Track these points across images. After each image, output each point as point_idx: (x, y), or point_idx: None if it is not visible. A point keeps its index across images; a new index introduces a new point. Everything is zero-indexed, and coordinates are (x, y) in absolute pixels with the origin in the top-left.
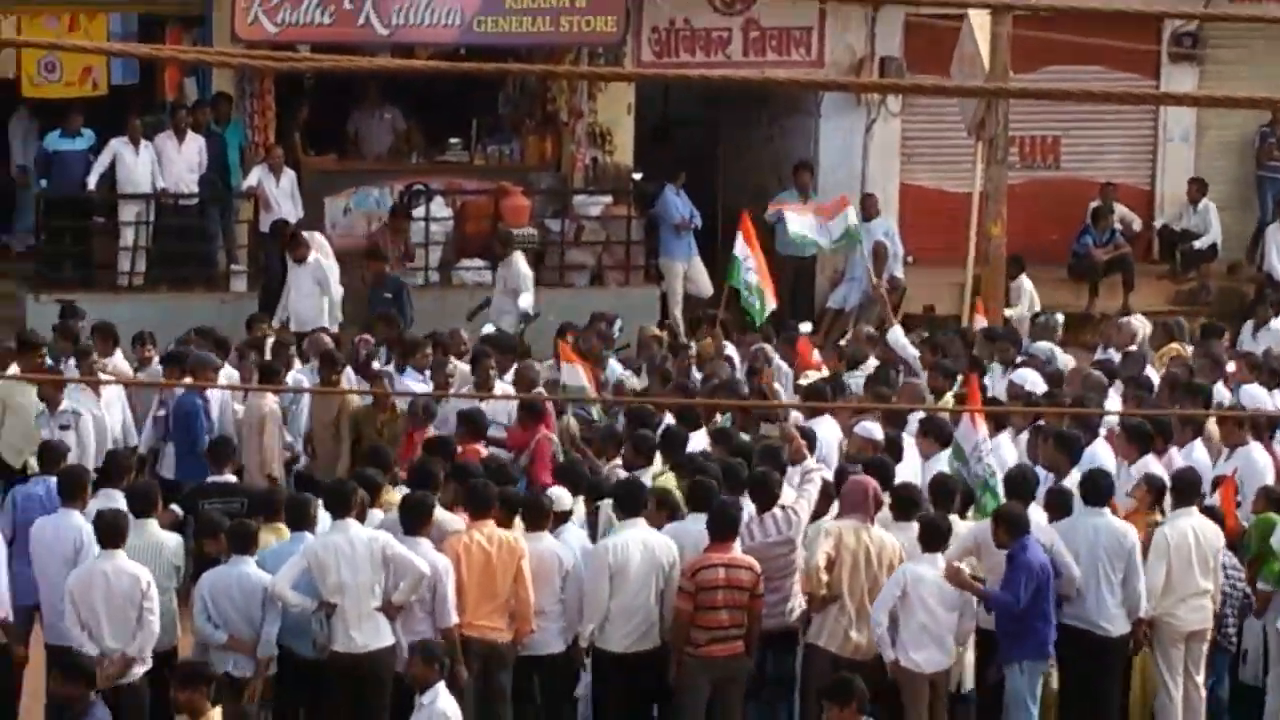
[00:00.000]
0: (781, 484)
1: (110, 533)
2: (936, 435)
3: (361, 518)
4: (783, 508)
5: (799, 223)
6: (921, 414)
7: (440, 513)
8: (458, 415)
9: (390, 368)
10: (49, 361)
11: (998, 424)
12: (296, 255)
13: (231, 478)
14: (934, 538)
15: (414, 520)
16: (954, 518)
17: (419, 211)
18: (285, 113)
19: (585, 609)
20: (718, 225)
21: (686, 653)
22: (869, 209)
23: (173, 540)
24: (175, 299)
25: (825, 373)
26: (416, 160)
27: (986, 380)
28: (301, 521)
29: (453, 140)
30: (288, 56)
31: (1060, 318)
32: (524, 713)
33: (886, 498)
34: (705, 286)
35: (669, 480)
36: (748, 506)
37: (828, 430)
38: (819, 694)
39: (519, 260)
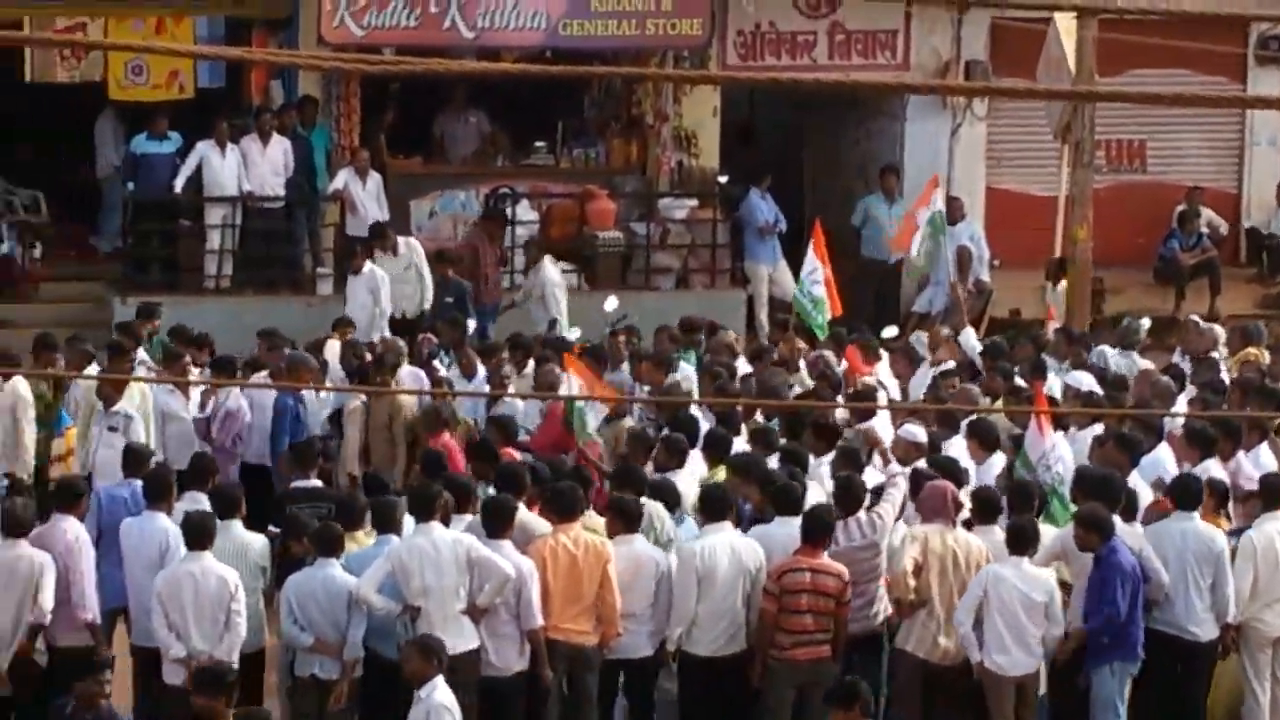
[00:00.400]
0: (865, 488)
1: (198, 534)
2: (983, 440)
3: (446, 521)
4: (867, 511)
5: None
6: (972, 418)
7: (526, 516)
8: (488, 420)
9: (453, 372)
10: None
11: (1055, 426)
12: (353, 266)
13: (317, 482)
14: (1021, 541)
15: (497, 523)
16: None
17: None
18: (371, 116)
19: (673, 613)
20: (803, 229)
21: (771, 656)
22: (954, 212)
23: (258, 542)
24: (261, 302)
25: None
26: (502, 163)
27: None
28: (386, 525)
29: (538, 143)
30: (374, 59)
31: (1146, 322)
32: (610, 716)
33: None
34: (790, 290)
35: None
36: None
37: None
38: (825, 698)
39: (548, 266)
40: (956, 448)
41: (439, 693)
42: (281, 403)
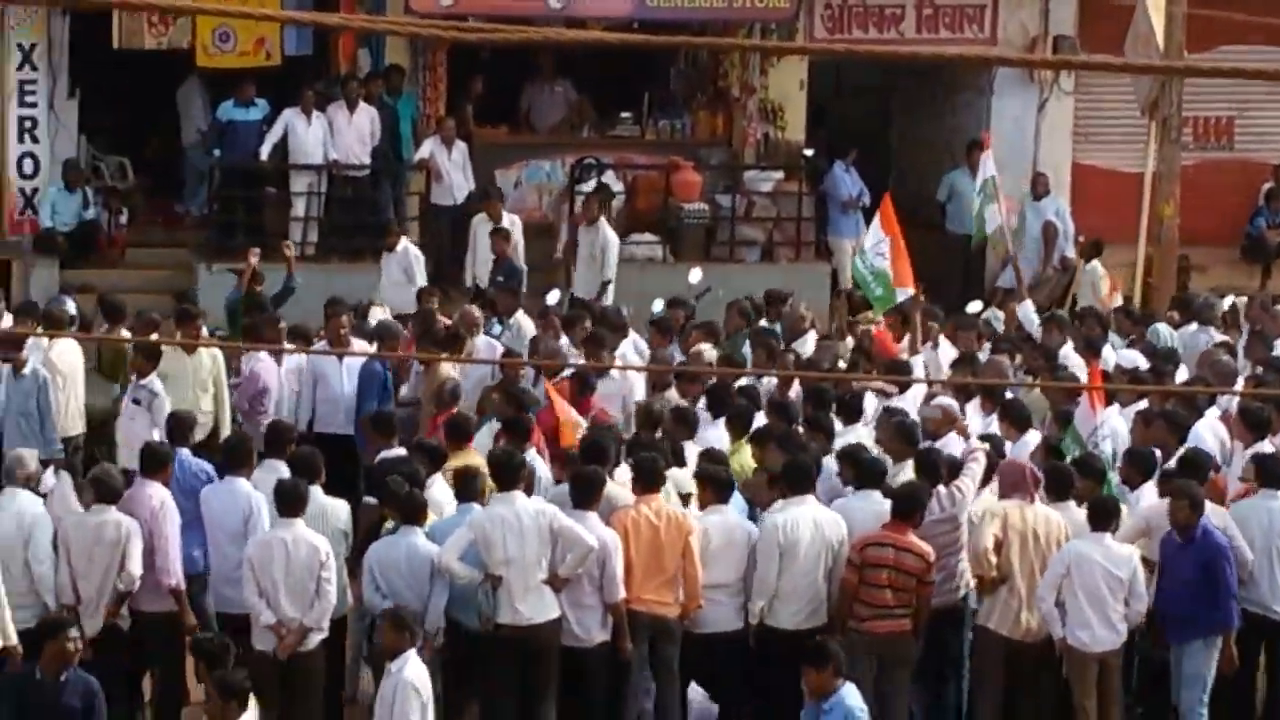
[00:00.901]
0: (944, 462)
1: (290, 501)
2: (1014, 419)
3: (529, 490)
4: (948, 485)
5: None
6: (1005, 398)
7: (610, 487)
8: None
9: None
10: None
11: (1108, 402)
12: (387, 243)
13: (401, 450)
14: (1103, 516)
15: (585, 495)
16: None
17: (590, 185)
18: (457, 85)
19: (755, 586)
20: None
21: (850, 627)
22: (1039, 188)
23: (341, 508)
24: (346, 270)
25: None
26: (588, 134)
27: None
28: (468, 494)
29: (624, 114)
30: (462, 26)
31: (1230, 300)
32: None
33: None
34: None
35: (745, 456)
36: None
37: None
38: (801, 658)
39: (606, 226)
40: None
41: (409, 668)
42: (368, 370)
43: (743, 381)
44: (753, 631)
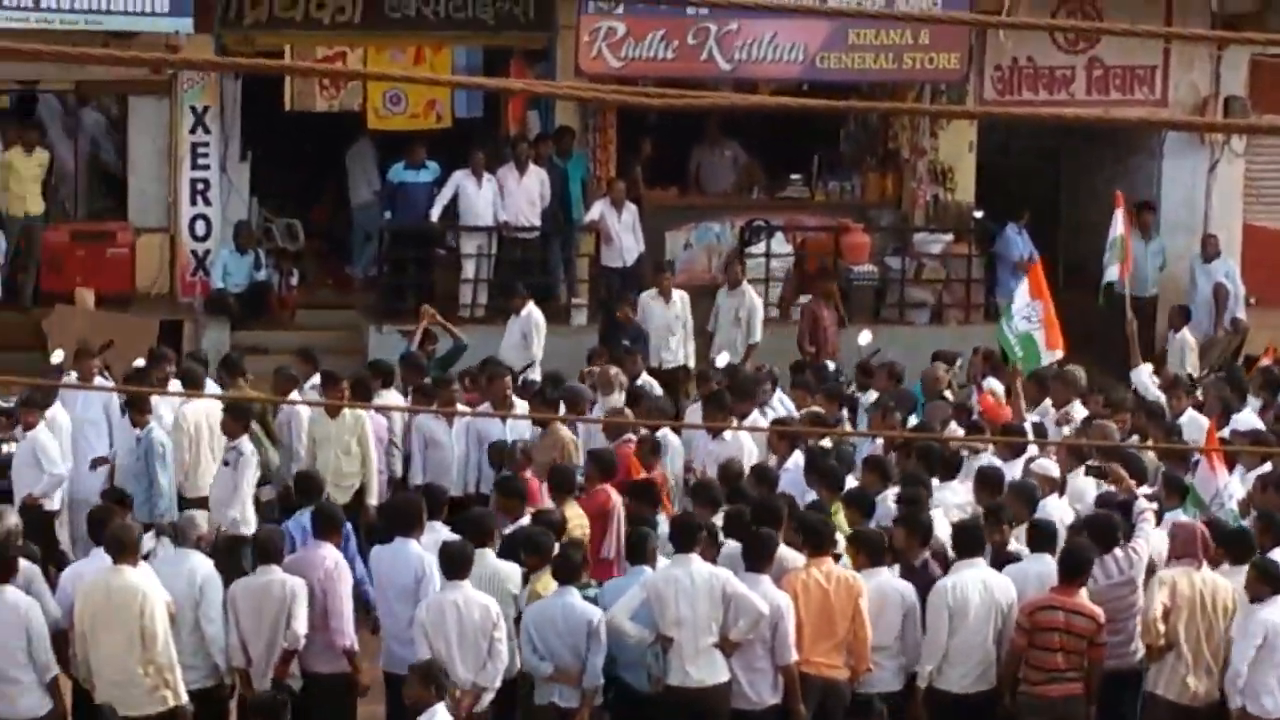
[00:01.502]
0: (1120, 525)
1: (458, 563)
2: (1136, 474)
3: (707, 555)
4: (1123, 548)
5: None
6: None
7: (781, 549)
8: (587, 455)
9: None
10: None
11: (1229, 466)
12: (513, 305)
13: (550, 504)
14: (1270, 582)
15: (758, 556)
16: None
17: (760, 248)
18: (627, 147)
19: (924, 648)
20: (1059, 265)
21: (1021, 692)
22: (1209, 249)
23: (513, 571)
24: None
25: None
26: (757, 196)
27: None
28: (641, 555)
29: (794, 176)
30: (632, 90)
31: None
32: None
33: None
34: None
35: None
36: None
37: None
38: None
39: (749, 290)
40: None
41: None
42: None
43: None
44: (921, 694)
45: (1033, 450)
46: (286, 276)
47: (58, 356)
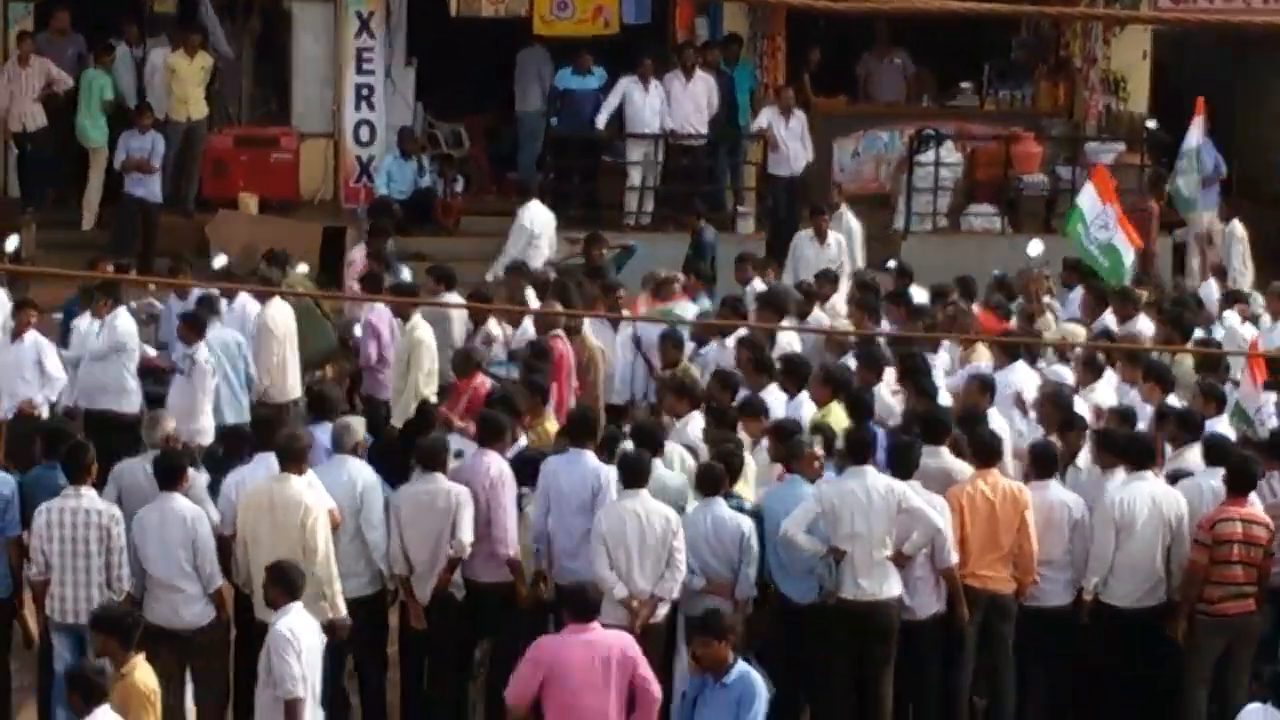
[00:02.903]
0: None
1: (636, 472)
2: (1159, 380)
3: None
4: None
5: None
6: (1150, 360)
7: (949, 460)
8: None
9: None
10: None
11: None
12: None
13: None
14: None
15: (904, 465)
16: None
17: (928, 156)
18: (795, 54)
19: (1090, 562)
20: (1233, 176)
21: (1199, 610)
22: None
23: (678, 480)
24: (681, 239)
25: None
26: (926, 104)
27: None
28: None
29: (963, 84)
30: None
31: None
32: (1025, 665)
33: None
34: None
35: (837, 416)
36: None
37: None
38: (696, 629)
39: (847, 212)
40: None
41: (284, 619)
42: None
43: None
44: (1087, 608)
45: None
46: (451, 183)
47: (220, 261)
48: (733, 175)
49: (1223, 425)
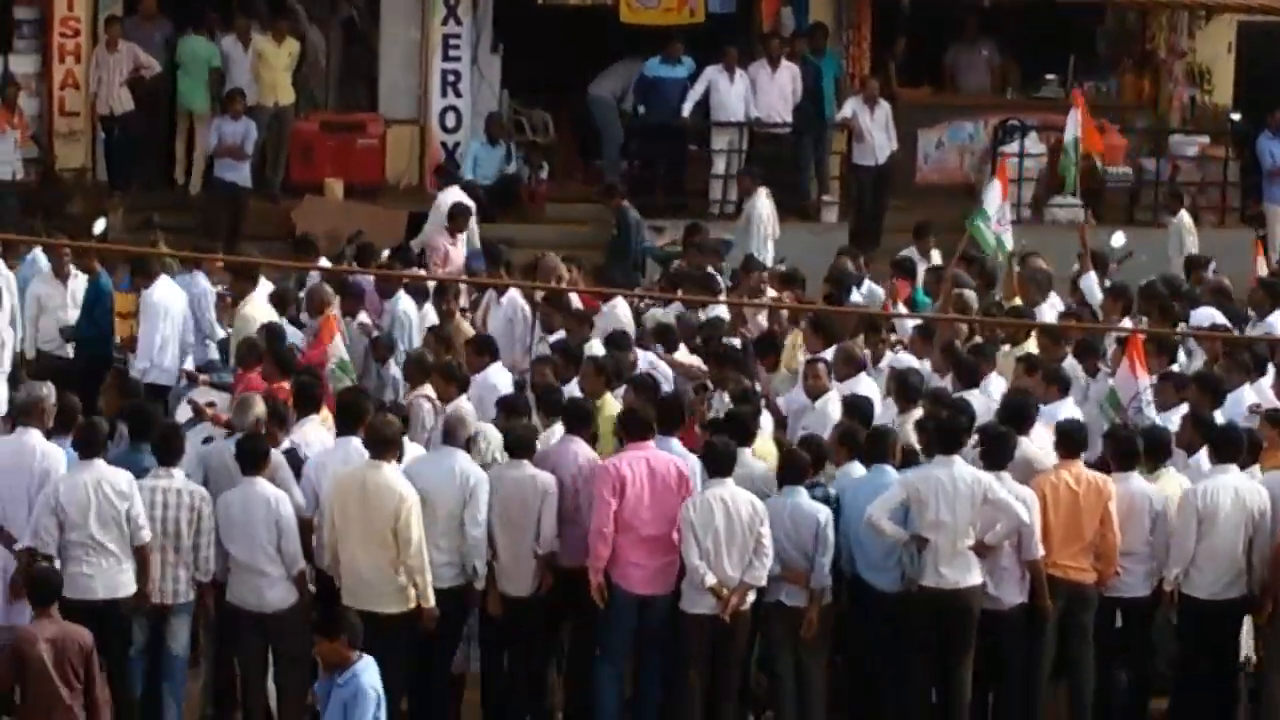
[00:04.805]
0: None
1: (723, 461)
2: (1055, 379)
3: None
4: None
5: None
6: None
7: (1030, 449)
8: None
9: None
10: None
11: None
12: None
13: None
14: None
15: (1000, 456)
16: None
17: (1013, 147)
18: (881, 44)
19: (1171, 553)
20: None
21: None
22: None
23: (762, 467)
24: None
25: None
26: (1011, 96)
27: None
28: (881, 454)
29: (1049, 76)
30: None
31: None
32: (1105, 653)
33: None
34: None
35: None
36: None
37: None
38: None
39: (762, 199)
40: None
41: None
42: None
43: None
44: (1168, 599)
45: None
46: (536, 169)
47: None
48: (817, 165)
49: (1067, 409)
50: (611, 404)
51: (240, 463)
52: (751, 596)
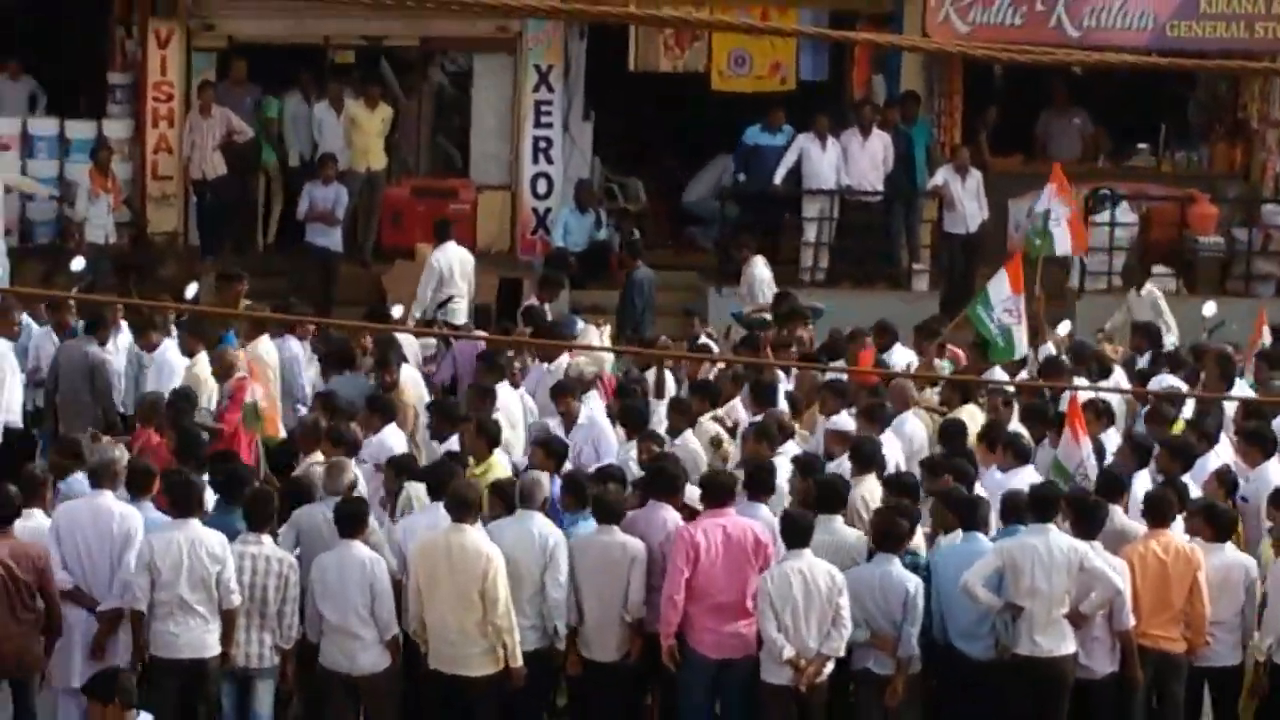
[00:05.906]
0: None
1: (800, 531)
2: (1015, 450)
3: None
4: None
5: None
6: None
7: (1122, 519)
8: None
9: None
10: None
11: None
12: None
13: None
14: None
15: (1090, 525)
16: None
17: (1104, 216)
18: (972, 113)
19: (1266, 622)
20: None
21: None
22: None
23: (853, 535)
24: (856, 296)
25: None
26: (1103, 164)
27: None
28: (972, 521)
29: (1140, 145)
30: (977, 46)
31: None
32: None
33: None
34: None
35: None
36: None
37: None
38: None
39: (759, 265)
40: None
41: None
42: None
43: None
44: (1263, 669)
45: None
46: (627, 236)
47: (397, 311)
48: (908, 233)
49: (1024, 477)
50: (497, 468)
51: (338, 525)
52: (829, 667)
